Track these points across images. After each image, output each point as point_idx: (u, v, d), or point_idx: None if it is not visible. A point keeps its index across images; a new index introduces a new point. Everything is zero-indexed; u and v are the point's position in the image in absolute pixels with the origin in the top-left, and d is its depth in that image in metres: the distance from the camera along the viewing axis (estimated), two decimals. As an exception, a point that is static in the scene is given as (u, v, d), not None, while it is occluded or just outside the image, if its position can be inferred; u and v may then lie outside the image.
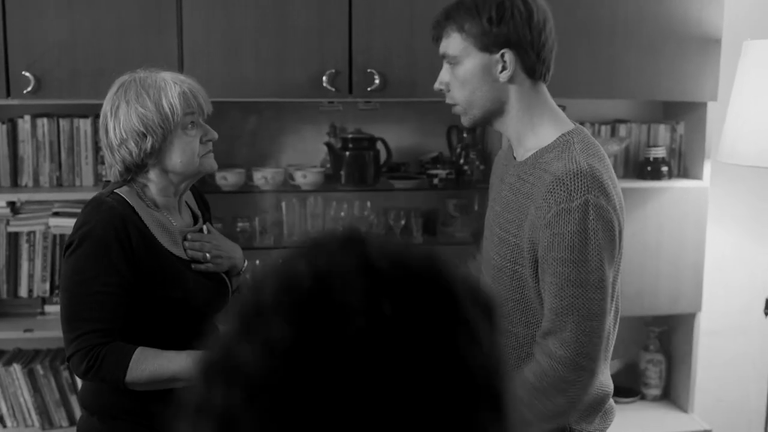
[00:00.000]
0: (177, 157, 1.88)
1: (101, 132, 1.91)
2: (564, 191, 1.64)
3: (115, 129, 1.85)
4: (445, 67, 1.84)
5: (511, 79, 1.77)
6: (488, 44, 1.75)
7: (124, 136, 1.84)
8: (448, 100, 1.87)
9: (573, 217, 1.62)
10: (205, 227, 2.06)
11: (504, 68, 1.76)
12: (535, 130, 1.80)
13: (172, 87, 1.86)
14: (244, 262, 2.16)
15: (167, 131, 1.85)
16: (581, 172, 1.65)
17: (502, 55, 1.75)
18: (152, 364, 1.80)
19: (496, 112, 1.81)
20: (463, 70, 1.78)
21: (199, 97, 1.91)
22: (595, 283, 1.64)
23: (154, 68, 1.93)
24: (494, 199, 1.92)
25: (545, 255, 1.66)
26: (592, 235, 1.63)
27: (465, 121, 1.86)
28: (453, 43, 1.78)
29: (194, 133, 1.90)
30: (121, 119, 1.85)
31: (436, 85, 1.86)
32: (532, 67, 1.78)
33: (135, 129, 1.83)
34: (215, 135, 1.96)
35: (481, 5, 1.75)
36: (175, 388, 1.84)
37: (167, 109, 1.84)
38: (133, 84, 1.87)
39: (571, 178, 1.65)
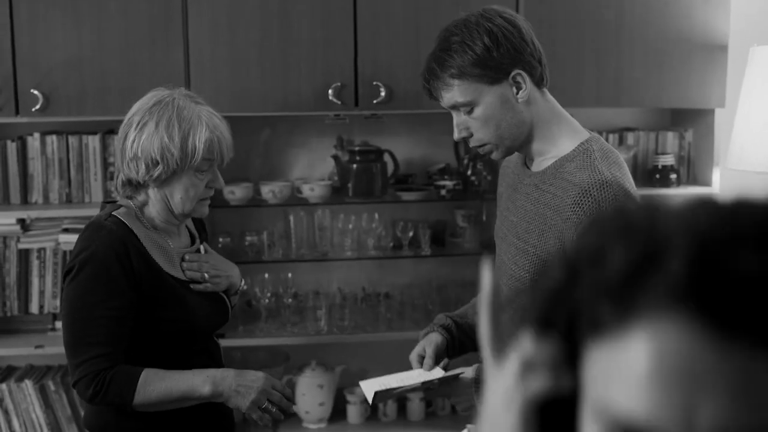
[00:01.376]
0: (178, 194, 1.88)
1: (119, 135, 1.90)
2: (593, 203, 1.65)
3: (134, 142, 1.84)
4: (458, 114, 1.78)
5: (527, 98, 1.75)
6: (496, 74, 1.72)
7: (139, 154, 1.83)
8: (473, 144, 1.80)
9: None
10: (201, 247, 2.06)
11: (519, 88, 1.73)
12: (552, 141, 1.79)
13: (203, 130, 1.84)
14: (241, 280, 2.16)
15: (180, 169, 1.85)
16: (607, 183, 1.66)
17: (514, 78, 1.72)
18: (159, 385, 1.80)
19: (523, 135, 1.78)
20: (482, 110, 1.74)
21: (224, 147, 1.89)
22: None
23: (195, 96, 1.91)
24: (508, 209, 1.89)
25: None
26: None
27: (497, 155, 1.82)
28: (459, 90, 1.73)
29: (203, 177, 1.90)
30: (144, 138, 1.83)
31: (457, 136, 1.79)
32: (540, 76, 1.77)
33: (151, 154, 1.82)
34: (222, 185, 1.96)
35: (470, 42, 1.70)
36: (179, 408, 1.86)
37: (190, 149, 1.83)
38: (170, 108, 1.84)
39: (598, 190, 1.65)
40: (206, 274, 1.99)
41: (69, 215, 2.92)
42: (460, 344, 1.99)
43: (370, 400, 1.85)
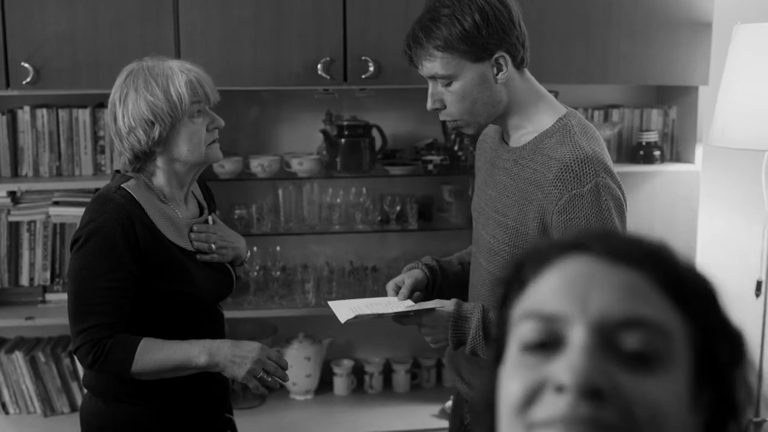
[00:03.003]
0: (184, 145, 1.91)
1: (109, 120, 1.93)
2: (574, 177, 1.69)
3: (123, 117, 1.87)
4: (434, 85, 1.80)
5: (506, 79, 1.78)
6: (481, 53, 1.73)
7: (133, 124, 1.86)
8: (444, 118, 1.84)
9: (586, 200, 1.69)
10: (210, 218, 2.09)
11: (500, 70, 1.76)
12: (530, 118, 1.82)
13: (179, 75, 1.88)
14: (247, 251, 2.20)
15: (175, 119, 1.87)
16: (587, 158, 1.71)
17: (497, 59, 1.75)
18: (157, 354, 1.84)
19: (497, 113, 1.82)
20: (461, 85, 1.76)
21: (206, 86, 1.93)
22: None
23: (160, 57, 1.95)
24: (486, 183, 1.93)
25: None
26: (606, 215, 1.70)
27: (470, 130, 1.86)
28: (441, 63, 1.74)
29: (201, 121, 1.93)
30: (130, 107, 1.86)
31: (430, 106, 1.82)
32: (521, 59, 1.80)
33: (144, 117, 1.85)
34: (222, 123, 1.98)
35: (460, 16, 1.71)
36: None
37: (175, 97, 1.86)
38: (141, 72, 1.88)
39: (578, 165, 1.70)
40: (213, 245, 2.02)
41: (59, 188, 2.93)
42: (439, 288, 2.04)
43: (342, 320, 1.88)
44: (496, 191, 1.87)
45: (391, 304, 1.93)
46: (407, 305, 1.90)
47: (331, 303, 2.01)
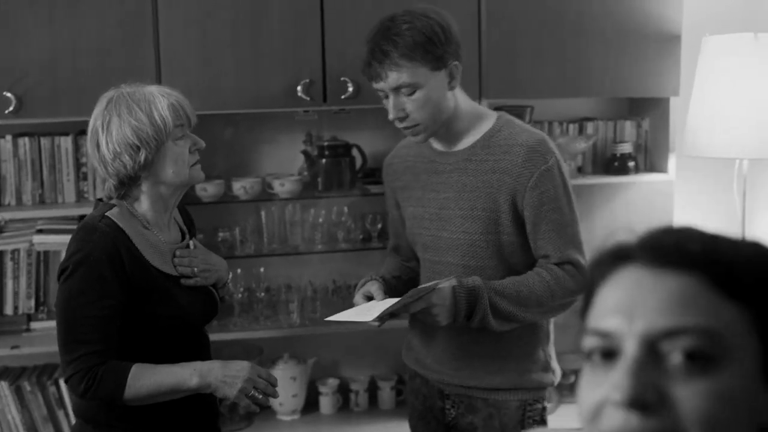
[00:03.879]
0: (169, 168, 1.93)
1: (90, 148, 1.95)
2: (539, 157, 1.97)
3: (108, 144, 1.89)
4: (397, 95, 1.97)
5: (454, 88, 2.02)
6: (439, 63, 1.95)
7: (118, 149, 1.88)
8: (406, 124, 2.00)
9: (552, 174, 1.98)
10: (191, 243, 2.11)
11: (453, 78, 1.98)
12: (472, 121, 2.06)
13: (160, 99, 1.91)
14: (229, 273, 2.22)
15: (160, 142, 1.90)
16: (544, 140, 2.02)
17: (451, 69, 1.98)
18: (149, 379, 1.85)
19: (446, 119, 2.02)
20: (424, 93, 1.95)
21: (186, 108, 1.96)
22: (577, 220, 2.04)
23: (137, 83, 1.97)
24: (430, 191, 2.10)
25: (537, 211, 1.99)
26: (567, 183, 2.02)
27: (423, 138, 2.04)
28: (407, 72, 1.93)
29: (183, 143, 1.95)
30: (114, 133, 1.88)
31: (394, 115, 1.99)
32: (461, 70, 2.03)
33: (129, 142, 1.88)
34: (203, 144, 2.01)
35: (421, 29, 1.91)
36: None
37: (159, 121, 1.89)
38: (123, 98, 1.91)
39: (540, 145, 1.99)
40: (196, 269, 2.04)
41: (42, 216, 2.93)
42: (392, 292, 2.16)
43: (369, 320, 1.96)
44: (453, 192, 2.05)
45: (378, 305, 2.00)
46: (393, 301, 1.96)
47: (333, 318, 2.11)
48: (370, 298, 2.07)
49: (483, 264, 2.03)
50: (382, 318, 1.96)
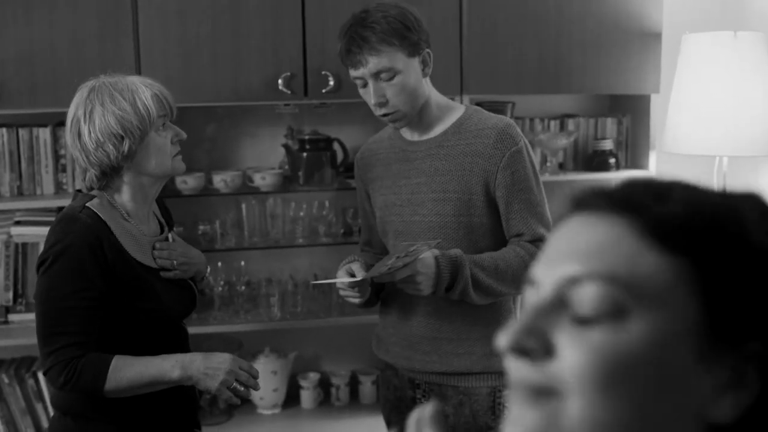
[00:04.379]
0: (152, 159, 1.92)
1: (71, 137, 1.92)
2: (510, 138, 2.06)
3: (90, 133, 1.87)
4: (376, 82, 2.03)
5: (428, 75, 2.09)
6: (414, 49, 2.02)
7: (101, 139, 1.86)
8: (385, 111, 2.06)
9: (522, 155, 2.06)
10: (170, 235, 2.11)
11: (426, 65, 2.07)
12: (443, 110, 2.14)
13: (144, 89, 1.90)
14: (207, 267, 2.21)
15: (144, 132, 1.88)
16: (512, 124, 2.10)
17: (424, 56, 2.06)
18: (130, 371, 1.84)
19: (421, 105, 2.09)
20: (403, 77, 2.02)
21: (169, 99, 1.95)
22: (545, 200, 2.12)
23: (117, 73, 1.96)
24: (402, 178, 2.16)
25: (509, 190, 2.06)
26: (535, 166, 2.11)
27: (402, 124, 2.11)
28: (387, 57, 1.99)
29: (166, 134, 1.94)
30: (97, 122, 1.86)
31: (376, 100, 2.05)
32: (433, 59, 2.10)
33: (112, 131, 1.85)
34: (184, 135, 2.00)
35: (395, 17, 1.99)
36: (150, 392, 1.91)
37: (143, 111, 1.87)
38: (105, 87, 1.89)
39: (510, 128, 2.08)
40: (175, 262, 2.03)
41: (20, 207, 2.92)
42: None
43: (360, 277, 2.03)
44: (425, 177, 2.12)
45: (364, 274, 2.04)
46: (381, 267, 2.00)
47: (319, 282, 2.38)
48: (352, 275, 2.08)
49: (454, 246, 2.07)
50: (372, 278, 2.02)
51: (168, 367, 1.86)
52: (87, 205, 1.90)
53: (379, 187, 2.23)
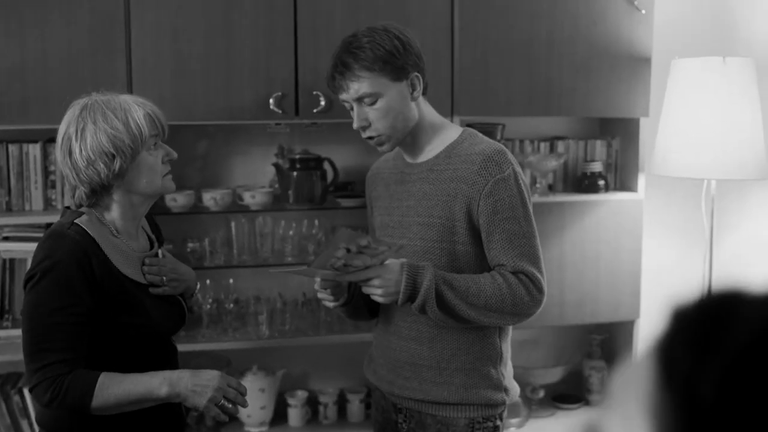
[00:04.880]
0: (143, 178, 1.92)
1: (62, 154, 1.91)
2: (495, 166, 2.01)
3: (81, 150, 1.86)
4: (360, 106, 2.05)
5: (417, 99, 2.08)
6: (399, 73, 2.02)
7: (92, 157, 1.86)
8: (369, 134, 2.08)
9: (508, 184, 2.01)
10: (160, 251, 2.10)
11: (414, 89, 2.06)
12: (437, 133, 2.12)
13: (136, 109, 1.90)
14: (197, 283, 2.21)
15: (136, 152, 1.88)
16: (502, 151, 2.05)
17: (412, 79, 2.05)
18: (117, 388, 1.83)
19: (409, 130, 2.08)
20: (385, 102, 2.03)
21: (162, 119, 1.95)
22: (534, 233, 2.05)
23: (109, 92, 1.96)
24: (396, 200, 2.16)
25: (491, 219, 2.01)
26: (525, 196, 2.04)
27: (387, 148, 2.11)
28: (368, 82, 2.00)
29: (157, 153, 1.94)
30: (89, 140, 1.86)
31: (357, 125, 2.07)
32: (426, 83, 2.10)
33: (104, 150, 1.85)
34: (175, 155, 2.00)
35: (380, 42, 1.99)
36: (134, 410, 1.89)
37: (135, 130, 1.87)
38: (98, 106, 1.88)
39: (497, 155, 2.03)
40: (164, 278, 2.03)
41: (9, 223, 2.91)
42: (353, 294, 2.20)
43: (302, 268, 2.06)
44: (414, 200, 2.11)
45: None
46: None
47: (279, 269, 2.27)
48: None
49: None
50: (319, 262, 1.98)
51: (156, 384, 1.86)
52: (75, 221, 1.89)
53: (379, 207, 2.23)
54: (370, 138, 2.08)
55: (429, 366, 2.12)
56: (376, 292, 1.98)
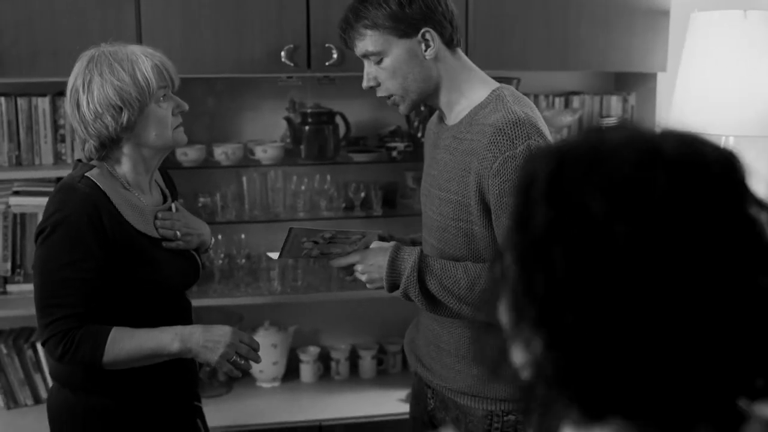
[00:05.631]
0: (152, 130, 1.90)
1: (70, 108, 1.89)
2: (506, 140, 1.76)
3: (89, 103, 1.84)
4: (369, 64, 1.91)
5: (436, 55, 1.87)
6: (406, 29, 1.84)
7: (100, 110, 1.84)
8: (380, 94, 1.94)
9: (519, 162, 1.73)
10: (173, 205, 2.08)
11: (428, 46, 1.86)
12: (465, 93, 1.91)
13: (144, 60, 1.87)
14: (212, 238, 2.19)
15: (143, 104, 1.86)
16: (519, 121, 1.77)
17: (423, 35, 1.85)
18: (129, 343, 1.83)
19: (429, 90, 1.91)
20: (391, 61, 1.87)
21: (170, 70, 1.92)
22: None
23: (118, 42, 1.92)
24: (430, 165, 2.01)
25: (498, 201, 1.77)
26: None
27: (403, 109, 1.95)
28: (371, 40, 1.86)
29: (167, 105, 1.91)
30: (96, 92, 1.84)
31: (366, 84, 1.93)
32: (450, 37, 1.89)
33: (111, 102, 1.83)
34: (186, 106, 1.97)
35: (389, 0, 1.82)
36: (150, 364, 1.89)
37: (143, 82, 1.84)
38: (105, 57, 1.86)
39: (511, 127, 1.76)
40: (178, 232, 2.01)
41: (19, 178, 2.89)
42: None
43: (275, 256, 1.99)
44: (437, 170, 1.94)
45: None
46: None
47: (270, 254, 2.11)
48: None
49: (455, 253, 1.90)
50: (291, 253, 1.94)
51: (167, 339, 1.85)
52: (86, 174, 1.88)
53: (424, 167, 2.09)
54: (383, 97, 1.95)
55: (448, 351, 1.98)
56: (361, 278, 1.91)
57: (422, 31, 1.84)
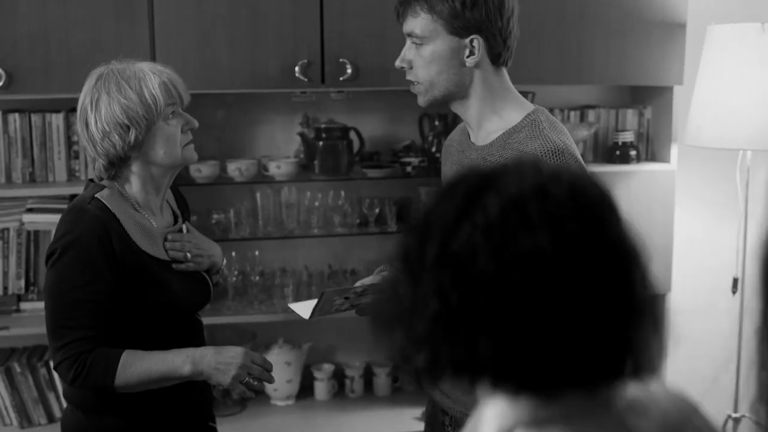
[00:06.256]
0: (160, 148, 1.88)
1: (80, 126, 1.89)
2: None
3: (96, 122, 1.84)
4: (409, 44, 1.85)
5: (476, 65, 1.82)
6: (459, 28, 1.79)
7: (107, 128, 1.83)
8: (409, 77, 1.88)
9: None
10: (184, 226, 2.06)
11: (472, 53, 1.81)
12: (498, 113, 1.85)
13: (152, 77, 1.86)
14: (223, 259, 2.17)
15: (151, 122, 1.84)
16: (558, 150, 1.74)
17: (471, 41, 1.79)
18: (140, 366, 1.81)
19: (456, 94, 1.86)
20: (430, 51, 1.81)
21: (179, 87, 1.90)
22: None
23: (128, 59, 1.91)
24: None
25: None
26: None
27: (422, 101, 1.89)
28: (422, 23, 1.80)
29: (175, 123, 1.90)
30: (103, 111, 1.83)
31: (398, 63, 1.87)
32: (498, 53, 1.83)
33: (118, 121, 1.82)
34: (196, 123, 1.95)
35: None
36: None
37: (150, 100, 1.83)
38: (112, 75, 1.85)
39: (550, 157, 1.73)
40: (188, 254, 1.99)
41: (33, 195, 2.88)
42: None
43: (307, 316, 1.97)
44: None
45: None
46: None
47: (292, 305, 2.09)
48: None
49: None
50: (322, 312, 1.93)
51: (179, 362, 1.83)
52: (96, 195, 1.87)
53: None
54: (410, 81, 1.90)
55: None
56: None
57: (471, 36, 1.80)
